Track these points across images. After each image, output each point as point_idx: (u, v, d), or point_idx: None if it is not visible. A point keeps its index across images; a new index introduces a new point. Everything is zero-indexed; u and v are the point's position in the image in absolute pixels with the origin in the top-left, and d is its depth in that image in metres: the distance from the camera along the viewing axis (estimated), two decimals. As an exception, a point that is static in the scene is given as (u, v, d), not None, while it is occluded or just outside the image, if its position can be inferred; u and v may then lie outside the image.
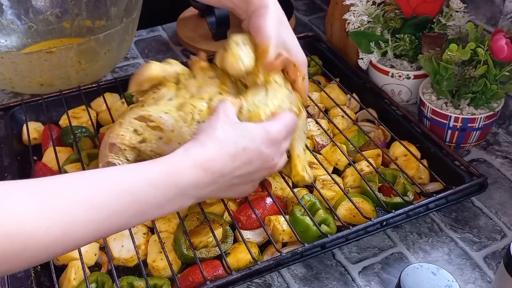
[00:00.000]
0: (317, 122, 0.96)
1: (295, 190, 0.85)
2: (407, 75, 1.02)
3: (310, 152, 0.90)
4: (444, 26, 1.00)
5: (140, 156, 0.76)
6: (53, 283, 0.71)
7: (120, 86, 1.03)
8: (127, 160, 0.74)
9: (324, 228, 0.77)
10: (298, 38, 1.17)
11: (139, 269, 0.73)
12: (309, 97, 1.00)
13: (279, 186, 0.85)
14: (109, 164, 0.73)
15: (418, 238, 0.82)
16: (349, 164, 0.88)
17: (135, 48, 1.28)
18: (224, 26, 1.20)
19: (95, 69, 1.07)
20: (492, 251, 0.80)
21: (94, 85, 1.03)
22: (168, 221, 0.81)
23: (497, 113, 0.93)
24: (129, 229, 0.77)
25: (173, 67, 0.80)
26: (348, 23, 1.05)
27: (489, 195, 0.89)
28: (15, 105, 0.99)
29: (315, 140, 0.94)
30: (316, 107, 1.00)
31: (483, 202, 0.88)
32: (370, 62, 1.06)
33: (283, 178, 0.84)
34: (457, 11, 0.99)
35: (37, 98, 1.00)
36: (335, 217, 0.79)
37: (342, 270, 0.78)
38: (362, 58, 1.06)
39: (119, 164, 0.73)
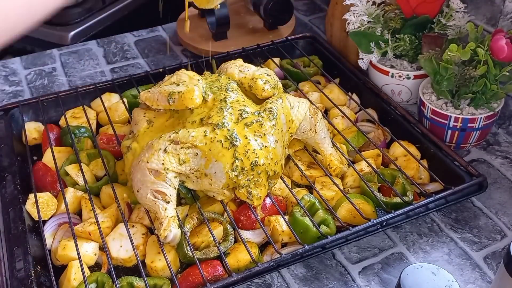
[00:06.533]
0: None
1: (295, 190, 0.85)
2: (407, 75, 1.02)
3: (309, 153, 0.90)
4: (444, 26, 1.00)
5: (180, 178, 0.78)
6: (52, 283, 0.71)
7: (116, 87, 1.03)
8: (174, 184, 0.76)
9: (323, 228, 0.77)
10: (298, 38, 1.19)
11: (139, 269, 0.73)
12: (308, 98, 1.00)
13: (278, 186, 0.85)
14: (158, 192, 0.74)
15: (418, 238, 0.82)
16: (349, 165, 0.88)
17: (135, 48, 1.27)
18: (224, 26, 1.20)
19: None
20: (492, 251, 0.80)
21: (91, 86, 1.03)
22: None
23: (497, 113, 0.93)
24: (128, 230, 0.77)
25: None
26: (348, 23, 1.05)
27: (489, 195, 0.88)
28: (13, 106, 0.99)
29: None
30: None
31: (483, 202, 0.88)
32: (370, 62, 1.06)
33: (282, 178, 0.84)
34: (457, 11, 0.99)
35: (34, 100, 1.00)
36: (335, 217, 0.79)
37: (342, 270, 0.78)
38: (362, 58, 1.06)
39: (167, 189, 0.75)
